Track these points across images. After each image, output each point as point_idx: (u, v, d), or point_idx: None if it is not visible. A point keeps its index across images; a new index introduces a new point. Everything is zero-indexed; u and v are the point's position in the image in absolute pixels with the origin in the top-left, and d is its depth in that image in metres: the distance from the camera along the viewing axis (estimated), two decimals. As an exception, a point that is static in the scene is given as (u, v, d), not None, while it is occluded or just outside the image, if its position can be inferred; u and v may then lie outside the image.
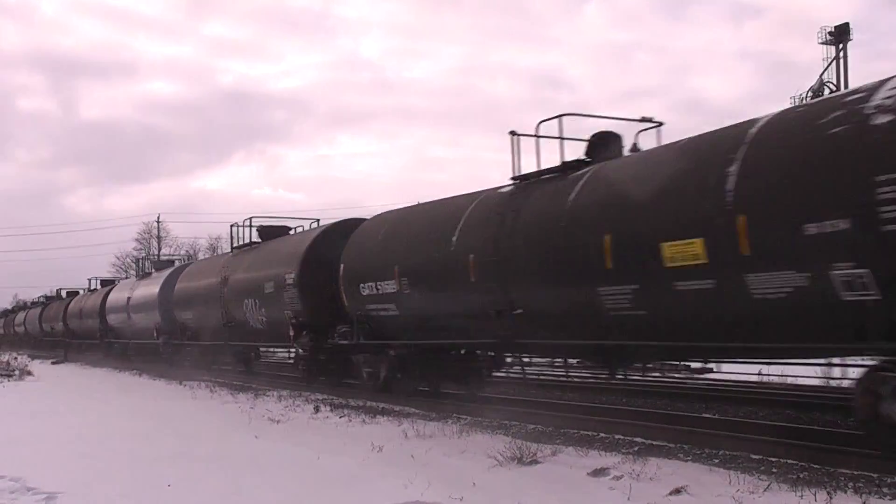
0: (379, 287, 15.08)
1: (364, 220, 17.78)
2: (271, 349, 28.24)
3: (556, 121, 12.23)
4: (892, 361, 7.80)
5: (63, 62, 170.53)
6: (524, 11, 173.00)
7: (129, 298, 31.78)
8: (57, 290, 53.61)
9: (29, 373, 27.73)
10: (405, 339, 15.00)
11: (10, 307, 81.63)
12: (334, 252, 16.94)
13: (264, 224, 22.65)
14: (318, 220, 21.08)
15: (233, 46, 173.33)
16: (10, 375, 26.46)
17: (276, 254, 20.22)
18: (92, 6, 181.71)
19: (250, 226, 22.85)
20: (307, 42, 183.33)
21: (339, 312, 16.64)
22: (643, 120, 12.38)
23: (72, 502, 7.58)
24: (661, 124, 12.28)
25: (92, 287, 44.01)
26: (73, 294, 47.98)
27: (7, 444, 11.05)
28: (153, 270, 33.22)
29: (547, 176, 12.27)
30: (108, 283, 42.23)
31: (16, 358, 37.66)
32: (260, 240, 22.29)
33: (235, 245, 23.74)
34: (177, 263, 33.60)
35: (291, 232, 21.96)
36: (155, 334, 28.44)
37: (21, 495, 7.87)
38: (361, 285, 15.61)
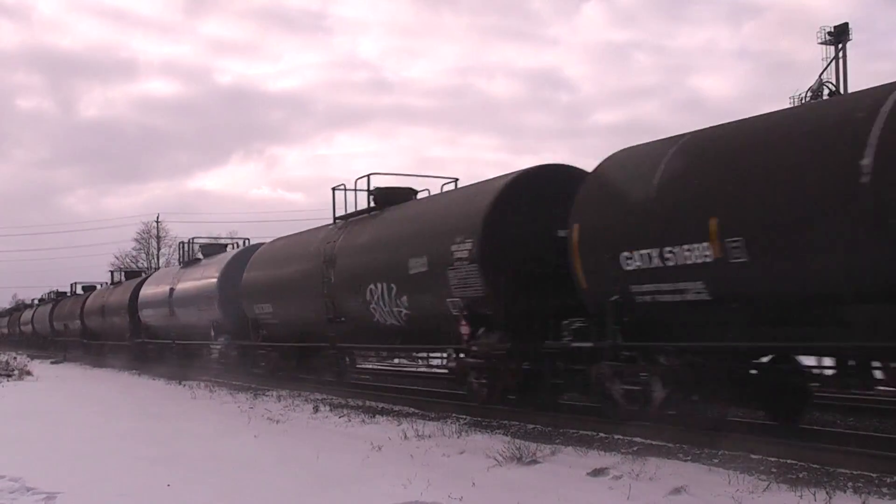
0: (668, 255, 9.56)
1: (574, 168, 12.85)
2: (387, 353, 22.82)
3: None
4: None
5: (61, 62, 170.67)
6: (522, 11, 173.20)
7: (171, 290, 26.60)
8: (71, 285, 47.49)
9: (28, 373, 27.70)
10: (708, 337, 9.60)
11: (9, 306, 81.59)
12: (539, 211, 12.22)
13: (383, 186, 17.05)
14: (456, 180, 16.16)
15: (231, 46, 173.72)
16: (9, 375, 26.45)
17: (423, 219, 14.80)
18: (89, 5, 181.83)
19: (367, 189, 17.18)
20: (305, 42, 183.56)
21: (544, 300, 11.86)
22: None
23: (71, 502, 7.57)
24: None
25: (115, 280, 38.60)
26: (89, 289, 42.84)
27: (7, 444, 11.04)
28: (202, 256, 27.24)
29: None
30: (133, 275, 37.95)
31: (15, 358, 37.63)
32: (376, 205, 16.96)
33: (339, 215, 17.95)
34: (229, 248, 27.12)
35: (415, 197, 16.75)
36: (212, 333, 23.64)
37: (21, 495, 7.86)
38: (624, 255, 10.13)
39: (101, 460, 9.64)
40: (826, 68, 49.25)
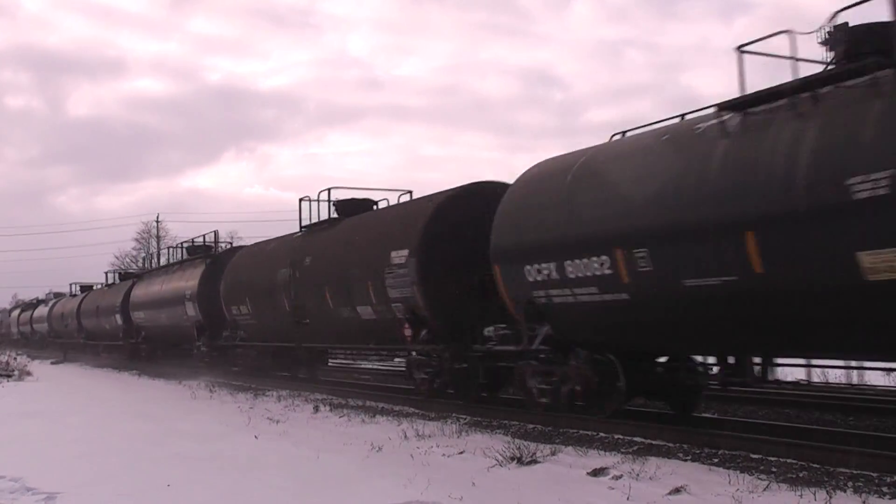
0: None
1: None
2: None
3: None
4: None
5: (49, 59, 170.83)
6: (511, 7, 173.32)
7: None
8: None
9: (28, 373, 27.71)
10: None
11: (9, 306, 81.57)
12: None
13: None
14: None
15: (219, 43, 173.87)
16: (9, 376, 26.45)
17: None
18: (75, 2, 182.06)
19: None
20: (294, 39, 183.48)
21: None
22: None
23: (71, 502, 7.58)
24: None
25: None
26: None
27: (7, 444, 11.05)
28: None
29: None
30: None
31: (15, 358, 37.64)
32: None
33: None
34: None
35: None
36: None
37: (21, 495, 7.87)
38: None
39: (101, 460, 9.64)
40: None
